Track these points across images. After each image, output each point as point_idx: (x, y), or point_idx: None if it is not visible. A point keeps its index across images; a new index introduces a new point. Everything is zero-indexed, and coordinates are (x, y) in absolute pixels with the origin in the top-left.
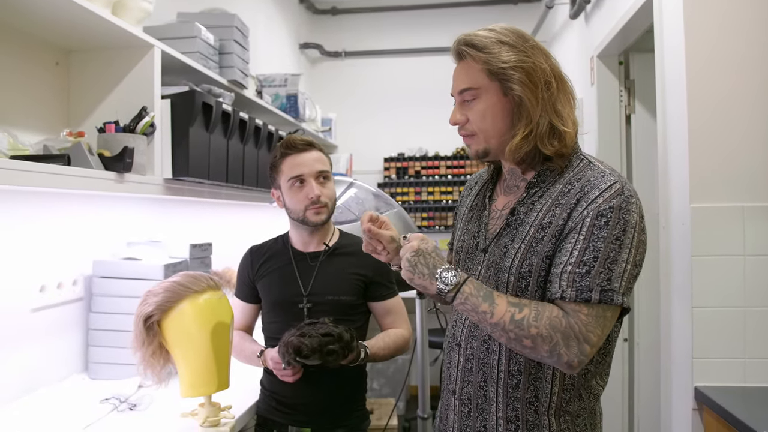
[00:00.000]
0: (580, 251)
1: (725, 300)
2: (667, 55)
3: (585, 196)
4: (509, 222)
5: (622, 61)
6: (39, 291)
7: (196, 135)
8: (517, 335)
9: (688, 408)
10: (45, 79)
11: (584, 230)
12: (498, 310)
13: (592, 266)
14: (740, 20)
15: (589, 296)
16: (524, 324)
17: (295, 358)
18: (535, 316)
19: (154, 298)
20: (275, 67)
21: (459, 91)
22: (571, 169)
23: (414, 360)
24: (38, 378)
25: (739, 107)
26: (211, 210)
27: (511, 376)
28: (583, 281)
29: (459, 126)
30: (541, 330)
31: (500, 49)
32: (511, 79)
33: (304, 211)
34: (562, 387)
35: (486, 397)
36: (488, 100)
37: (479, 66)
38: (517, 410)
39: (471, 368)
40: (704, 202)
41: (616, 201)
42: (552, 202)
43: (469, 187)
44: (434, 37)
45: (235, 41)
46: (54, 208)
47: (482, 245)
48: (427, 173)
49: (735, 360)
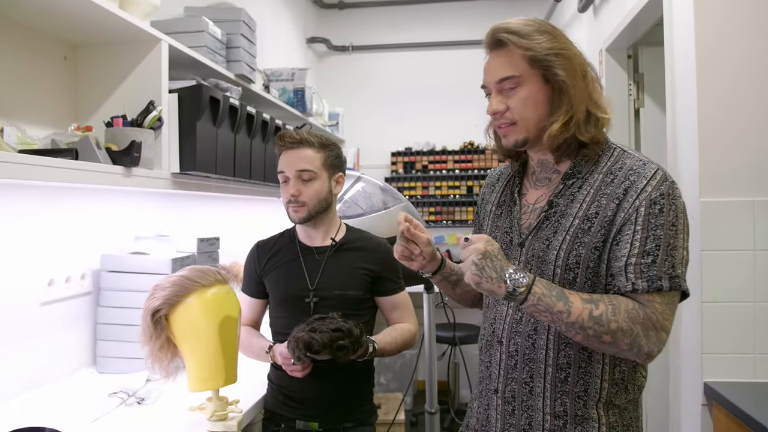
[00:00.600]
0: (641, 242)
1: (735, 295)
2: (677, 48)
3: (633, 186)
4: (548, 215)
5: (631, 55)
6: (47, 285)
7: (203, 129)
8: (596, 332)
9: (698, 403)
10: (53, 73)
11: (640, 220)
12: (574, 309)
13: (657, 255)
14: (750, 14)
15: (660, 285)
16: (603, 320)
17: (305, 353)
18: (613, 310)
19: (162, 292)
20: (282, 61)
21: (499, 80)
22: (606, 158)
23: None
24: (46, 372)
25: (750, 101)
26: (218, 204)
27: (560, 370)
28: (650, 271)
29: (498, 115)
30: (620, 324)
31: (542, 36)
32: (555, 66)
33: (287, 207)
34: (612, 381)
35: (532, 393)
36: (530, 87)
37: (521, 53)
38: (566, 404)
39: (515, 365)
40: (714, 197)
41: (664, 188)
42: (595, 193)
43: (491, 184)
44: (442, 32)
45: (242, 35)
46: (62, 202)
47: (518, 240)
48: (434, 168)
49: (745, 355)
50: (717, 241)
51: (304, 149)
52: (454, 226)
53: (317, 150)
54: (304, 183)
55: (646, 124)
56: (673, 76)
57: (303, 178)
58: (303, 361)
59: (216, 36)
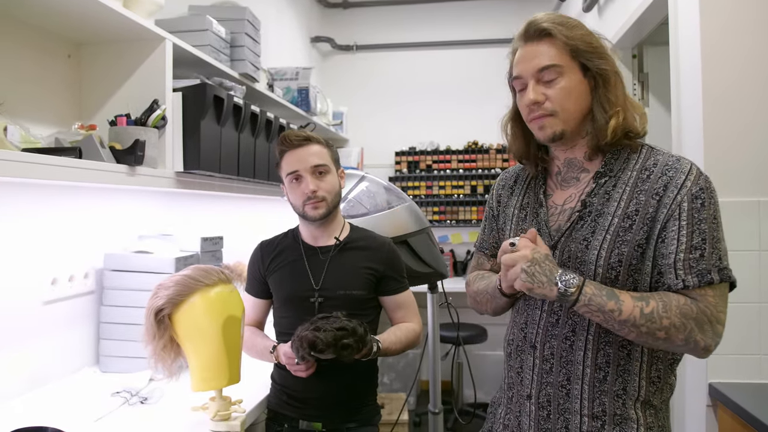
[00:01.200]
0: (687, 237)
1: (740, 295)
2: (682, 48)
3: (672, 181)
4: (582, 215)
5: (636, 54)
6: (51, 284)
7: (207, 128)
8: (649, 329)
9: (702, 404)
10: (57, 72)
11: (684, 215)
12: (626, 307)
13: (704, 249)
14: (756, 13)
15: (711, 278)
16: (655, 317)
17: (309, 352)
18: (664, 307)
19: (165, 291)
20: (286, 60)
21: (540, 69)
22: (636, 155)
23: (425, 355)
24: (49, 371)
25: (755, 101)
26: (222, 203)
27: (599, 370)
28: (699, 265)
29: (536, 106)
30: (673, 320)
31: (586, 31)
32: (600, 58)
33: (302, 206)
34: (649, 380)
35: (569, 396)
36: (572, 78)
37: (563, 43)
38: (604, 404)
39: (550, 369)
40: (719, 197)
41: (702, 182)
42: (632, 190)
43: (508, 186)
44: (446, 31)
45: (246, 34)
46: (65, 200)
47: (548, 242)
48: (438, 167)
49: (750, 356)
50: None
51: (312, 145)
52: (458, 226)
53: (324, 146)
54: (320, 178)
55: (651, 123)
56: (678, 75)
57: (319, 172)
58: (307, 360)
59: (220, 35)
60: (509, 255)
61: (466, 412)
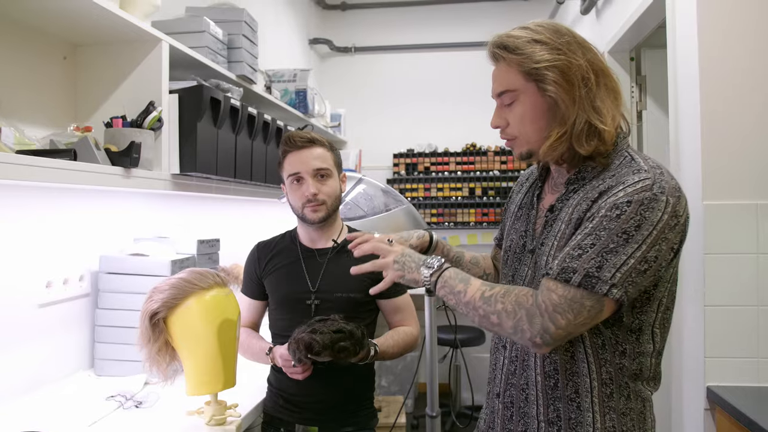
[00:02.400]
0: (582, 237)
1: (738, 299)
2: (680, 51)
3: (609, 190)
4: (548, 220)
5: (634, 57)
6: (45, 287)
7: (204, 130)
8: (485, 311)
9: (700, 408)
10: (52, 73)
11: (595, 220)
12: (470, 289)
13: (587, 251)
14: (754, 16)
15: (569, 277)
16: (492, 300)
17: (306, 354)
18: (504, 293)
19: (160, 294)
20: (284, 62)
21: (497, 94)
22: (612, 167)
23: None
24: (44, 374)
25: (753, 104)
26: (218, 205)
27: (548, 377)
28: (571, 262)
29: (500, 129)
30: (506, 305)
31: (533, 48)
32: (546, 80)
33: (302, 208)
34: (601, 381)
35: (527, 401)
36: (526, 101)
37: (514, 68)
38: (559, 410)
39: (515, 370)
40: (717, 200)
41: (638, 196)
42: (581, 197)
43: (521, 183)
44: (444, 33)
45: (243, 36)
46: (60, 203)
47: (530, 246)
48: (436, 169)
49: (748, 360)
50: (720, 245)
51: (316, 148)
52: (457, 228)
53: (328, 149)
54: (322, 181)
55: (649, 126)
56: (675, 78)
57: (320, 176)
58: (303, 362)
59: (217, 36)
60: (384, 247)
61: (464, 415)
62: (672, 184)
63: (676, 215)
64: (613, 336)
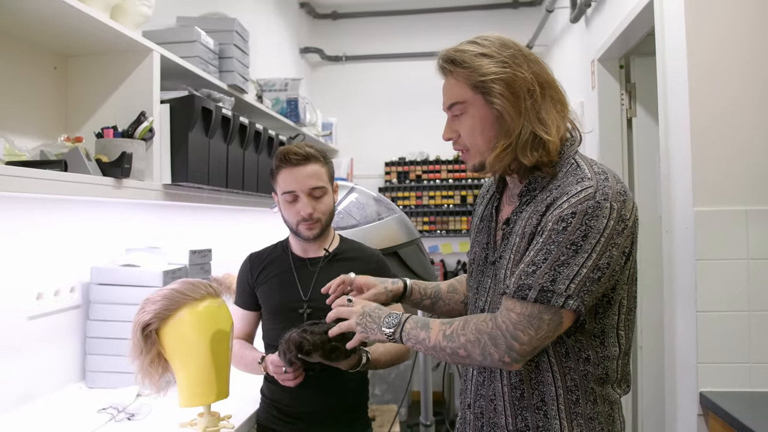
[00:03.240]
0: (534, 253)
1: (730, 304)
2: (669, 58)
3: (554, 202)
4: (505, 233)
5: (623, 65)
6: (36, 298)
7: (195, 140)
8: (452, 349)
9: (693, 414)
10: (42, 83)
11: (545, 235)
12: (432, 333)
13: (539, 267)
14: (742, 23)
15: (525, 294)
16: (453, 336)
17: (296, 355)
18: (463, 325)
19: (152, 306)
20: (275, 71)
21: (448, 107)
22: (559, 176)
23: (416, 365)
24: (34, 387)
25: (742, 110)
26: (210, 215)
27: (515, 389)
28: (526, 279)
29: (453, 141)
30: (468, 336)
31: (480, 62)
32: (492, 92)
33: (296, 225)
34: (566, 388)
35: (496, 411)
36: (475, 113)
37: (462, 81)
38: (527, 419)
39: (483, 381)
40: (707, 206)
41: (581, 206)
42: (532, 210)
43: (482, 196)
44: (434, 41)
45: (235, 45)
46: (51, 214)
47: (491, 258)
48: (428, 177)
49: (740, 365)
50: (711, 251)
51: (311, 165)
52: (448, 236)
53: (323, 164)
54: (317, 200)
55: (639, 133)
56: (665, 85)
57: (315, 195)
58: (295, 364)
59: (208, 46)
60: (345, 309)
61: None
62: (617, 188)
63: (623, 219)
64: (576, 343)
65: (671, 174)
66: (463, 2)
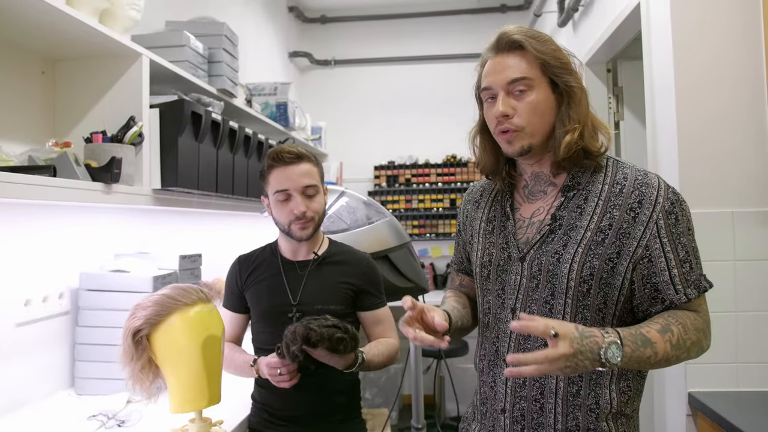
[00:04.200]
0: (673, 253)
1: (717, 305)
2: (655, 62)
3: (645, 197)
4: (553, 228)
5: (611, 69)
6: (24, 305)
7: (185, 144)
8: (677, 356)
9: (682, 414)
10: (30, 88)
11: (663, 232)
12: (659, 348)
13: (691, 261)
14: (727, 28)
15: (704, 286)
16: (681, 344)
17: (301, 346)
18: (684, 329)
19: (143, 311)
20: (265, 75)
21: (510, 81)
22: (604, 169)
23: (407, 369)
24: (23, 395)
25: (729, 114)
26: (200, 220)
27: (572, 384)
28: (692, 277)
29: (504, 119)
30: (692, 338)
31: (555, 46)
32: (569, 74)
33: (289, 224)
34: (620, 391)
35: (543, 410)
36: (540, 92)
37: (534, 57)
38: (578, 418)
39: (524, 382)
40: (694, 208)
41: (671, 196)
42: (605, 204)
43: (474, 200)
44: (423, 46)
45: (224, 50)
46: (40, 220)
47: (517, 255)
48: (417, 181)
49: (728, 365)
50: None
51: (304, 164)
52: (438, 239)
53: (315, 164)
54: (310, 198)
55: (626, 136)
56: (652, 89)
57: (308, 193)
58: (297, 358)
59: (198, 50)
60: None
61: (449, 426)
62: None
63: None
64: None
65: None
66: (451, 6)
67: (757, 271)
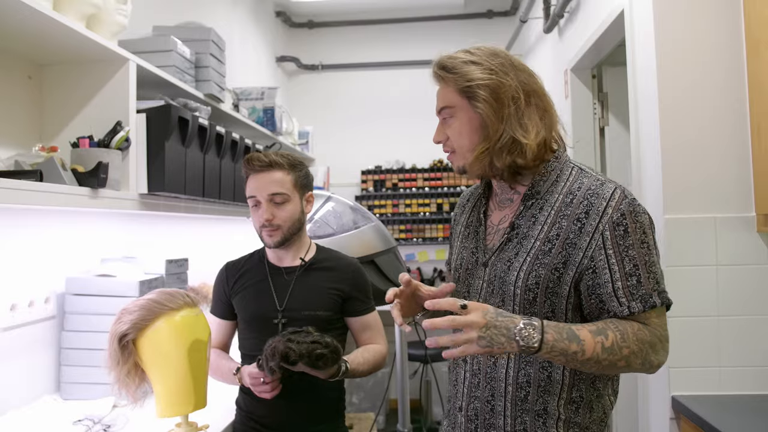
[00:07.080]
0: (618, 265)
1: (699, 309)
2: (639, 69)
3: (593, 208)
4: (510, 236)
5: (595, 75)
6: (9, 310)
7: (172, 149)
8: (611, 361)
9: (666, 417)
10: (17, 93)
11: (609, 243)
12: (588, 346)
13: (638, 275)
14: (710, 35)
15: (654, 302)
16: (615, 349)
17: (279, 363)
18: (622, 337)
19: (129, 316)
20: (252, 80)
21: (438, 111)
22: (565, 178)
23: (393, 373)
24: (8, 400)
25: (710, 119)
26: (187, 225)
27: (520, 389)
28: (639, 291)
29: (442, 144)
30: (632, 347)
31: (468, 68)
32: (477, 97)
33: (260, 231)
34: (570, 400)
35: (493, 412)
36: (462, 117)
37: (451, 86)
38: (526, 423)
39: (478, 383)
40: (677, 214)
41: (624, 207)
42: (556, 214)
43: (462, 205)
44: (410, 51)
45: (211, 55)
46: (26, 224)
47: (482, 259)
48: (404, 185)
49: (710, 369)
50: (681, 257)
51: (274, 172)
52: (425, 244)
53: (287, 172)
54: (278, 206)
55: (611, 142)
56: (636, 95)
57: (276, 201)
58: (275, 372)
59: (185, 55)
60: (462, 319)
61: (435, 430)
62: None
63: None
64: None
65: (642, 182)
66: (438, 12)
67: (739, 276)
